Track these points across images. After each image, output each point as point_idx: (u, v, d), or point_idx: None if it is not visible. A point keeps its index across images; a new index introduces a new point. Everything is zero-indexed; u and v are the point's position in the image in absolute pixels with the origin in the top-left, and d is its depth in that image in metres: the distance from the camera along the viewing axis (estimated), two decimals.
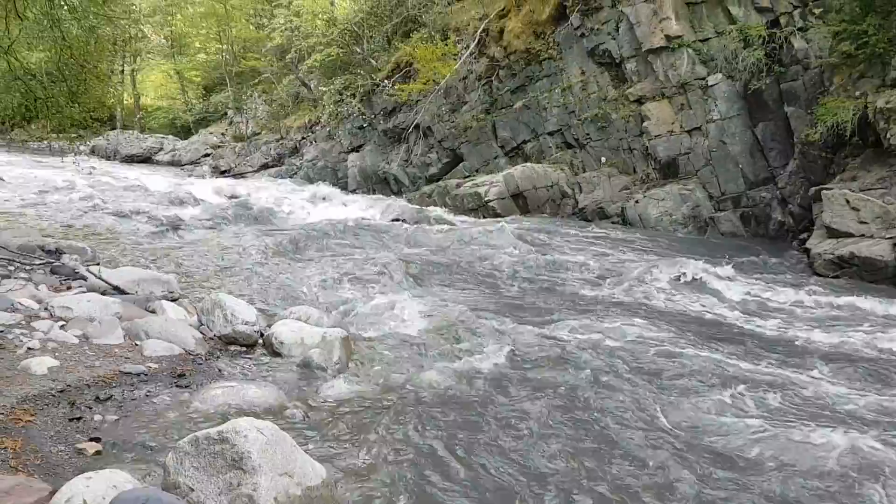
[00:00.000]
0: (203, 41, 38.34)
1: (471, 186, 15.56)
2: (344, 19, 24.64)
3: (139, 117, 39.02)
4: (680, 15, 13.50)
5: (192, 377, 4.78)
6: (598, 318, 7.04)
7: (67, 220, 12.03)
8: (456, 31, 18.86)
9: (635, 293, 8.33)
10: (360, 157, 21.23)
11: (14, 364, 4.33)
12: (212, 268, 9.03)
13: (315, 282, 8.32)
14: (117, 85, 38.37)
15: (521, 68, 16.65)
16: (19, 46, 10.59)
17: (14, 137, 22.68)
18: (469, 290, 8.39)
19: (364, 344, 6.00)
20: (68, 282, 6.72)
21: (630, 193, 13.92)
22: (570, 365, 5.51)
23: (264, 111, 30.03)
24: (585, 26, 15.10)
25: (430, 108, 18.36)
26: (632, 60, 14.32)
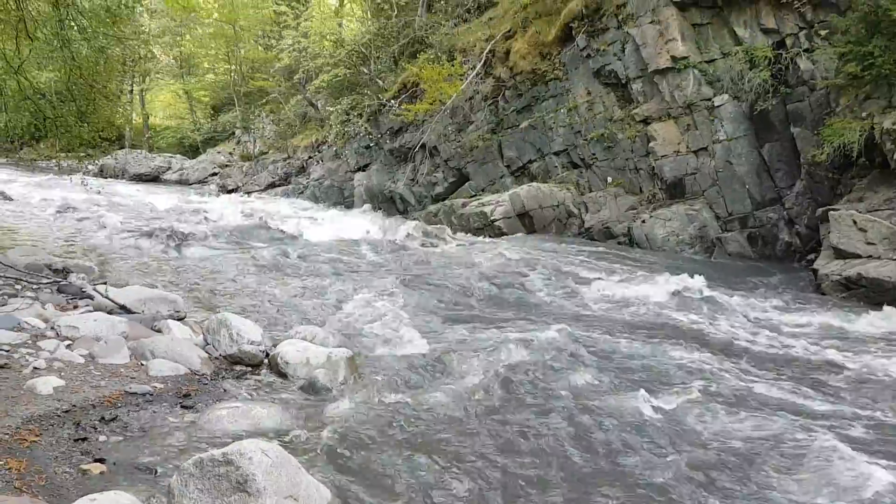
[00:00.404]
0: (212, 61, 38.71)
1: (477, 206, 15.57)
2: (351, 40, 24.86)
3: (148, 136, 39.33)
4: (686, 36, 13.56)
5: (197, 397, 4.77)
6: (605, 336, 7.01)
7: (75, 239, 12.08)
8: (462, 52, 18.98)
9: (641, 312, 8.31)
10: (367, 176, 21.30)
11: (20, 384, 4.33)
12: (218, 286, 9.04)
13: (320, 301, 8.33)
14: (126, 105, 38.75)
15: (527, 88, 16.73)
16: (29, 66, 10.72)
17: (23, 156, 22.90)
18: (474, 309, 8.37)
19: (369, 364, 5.98)
20: (75, 301, 6.74)
21: (636, 213, 13.91)
22: (577, 385, 5.48)
23: (272, 130, 30.24)
24: (591, 47, 15.18)
25: (437, 128, 18.43)
26: (638, 81, 14.37)
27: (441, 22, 21.71)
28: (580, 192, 15.29)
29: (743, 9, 13.09)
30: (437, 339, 6.79)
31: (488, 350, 6.27)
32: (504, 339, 6.58)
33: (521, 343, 6.57)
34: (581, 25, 15.41)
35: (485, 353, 6.18)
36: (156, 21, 35.61)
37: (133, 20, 18.96)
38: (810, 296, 9.50)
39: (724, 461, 4.26)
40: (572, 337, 6.86)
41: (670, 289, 9.23)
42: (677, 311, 8.28)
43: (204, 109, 39.79)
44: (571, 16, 15.60)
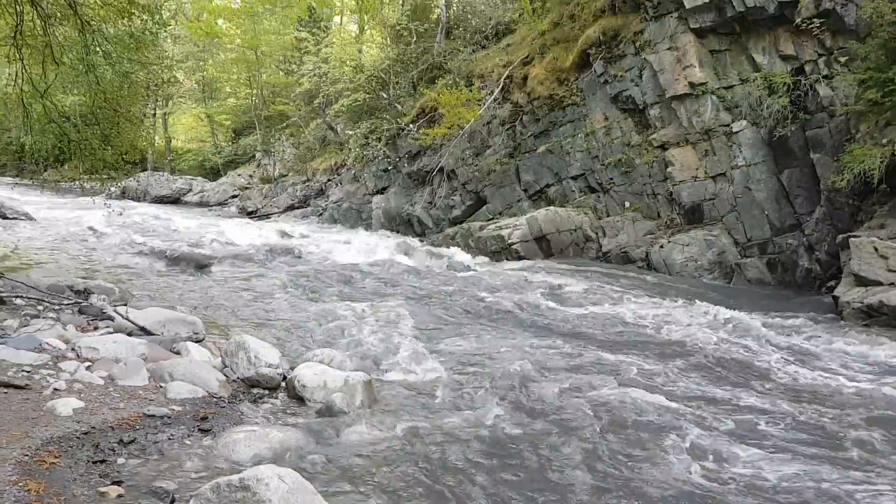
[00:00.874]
0: (234, 86, 39.25)
1: (494, 229, 15.60)
2: (371, 66, 25.14)
3: (170, 159, 39.84)
4: (703, 62, 13.59)
5: (214, 420, 4.79)
6: (630, 361, 6.95)
7: (97, 260, 12.23)
8: (480, 78, 19.14)
9: (665, 337, 8.25)
10: (385, 198, 21.43)
11: (40, 405, 4.37)
12: (236, 308, 9.10)
13: (337, 323, 8.34)
14: (149, 128, 39.30)
15: (544, 113, 16.81)
16: (55, 90, 10.92)
17: (47, 178, 23.19)
18: (492, 334, 8.34)
19: (386, 388, 5.98)
20: (95, 322, 6.81)
21: (654, 238, 13.86)
22: (600, 412, 5.43)
23: (291, 154, 30.54)
24: (609, 73, 15.25)
25: (454, 152, 18.54)
26: (655, 107, 14.40)
27: (459, 48, 21.92)
28: (598, 217, 15.27)
29: (761, 35, 13.12)
30: (454, 363, 6.78)
31: (506, 375, 6.24)
32: (523, 363, 6.55)
33: (541, 368, 6.55)
34: (598, 52, 15.51)
35: (503, 378, 6.15)
36: (179, 46, 36.24)
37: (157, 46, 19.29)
38: (831, 323, 9.38)
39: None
40: (595, 362, 6.82)
41: (693, 314, 9.18)
42: (702, 337, 8.19)
43: (225, 133, 40.29)
44: (589, 42, 15.71)
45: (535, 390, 5.88)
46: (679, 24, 13.85)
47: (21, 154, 13.62)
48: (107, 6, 10.12)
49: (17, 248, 12.67)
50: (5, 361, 5.02)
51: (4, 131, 11.42)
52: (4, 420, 4.05)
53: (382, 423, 5.13)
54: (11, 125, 11.36)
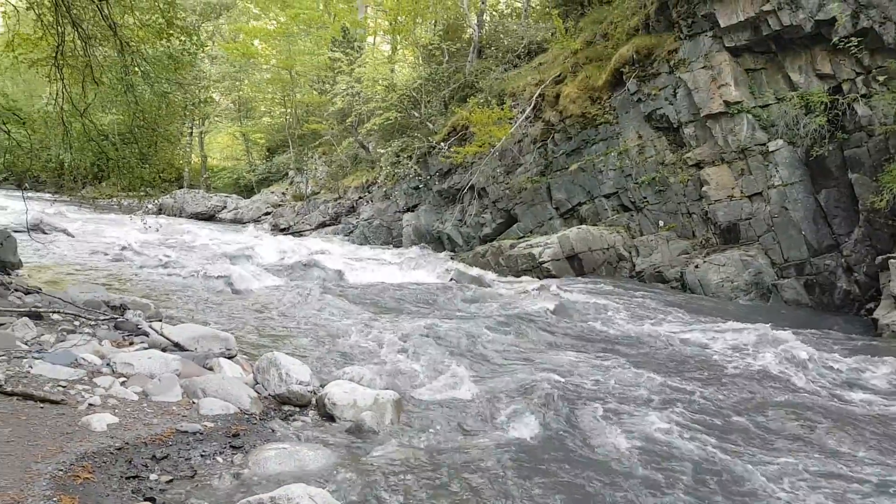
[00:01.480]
0: (268, 105, 39.85)
1: (525, 247, 15.53)
2: (403, 85, 25.35)
3: (205, 177, 40.49)
4: (739, 81, 13.46)
5: (246, 437, 4.79)
6: (668, 381, 6.82)
7: (132, 276, 12.41)
8: (512, 96, 19.18)
9: (705, 359, 8.08)
10: (415, 216, 21.50)
11: (75, 420, 4.42)
12: (268, 325, 9.16)
13: (367, 341, 8.34)
14: (186, 146, 40.07)
15: (576, 132, 16.76)
16: (94, 109, 11.15)
17: (85, 195, 23.73)
18: (525, 353, 8.26)
19: (416, 406, 5.94)
20: (131, 337, 6.88)
21: (689, 258, 13.67)
22: (636, 437, 5.33)
23: (323, 171, 30.85)
24: (642, 91, 15.17)
25: (485, 170, 18.56)
26: (690, 125, 14.27)
27: (491, 67, 22.01)
28: (631, 236, 15.12)
29: (798, 54, 12.96)
30: (484, 383, 6.72)
31: (538, 394, 6.16)
32: (556, 382, 6.47)
33: (574, 388, 6.45)
34: (632, 70, 15.44)
35: (535, 398, 6.08)
36: (216, 67, 36.94)
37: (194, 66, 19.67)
38: (871, 344, 9.14)
39: None
40: (632, 382, 6.70)
41: (731, 335, 8.98)
42: (743, 358, 8.03)
43: (259, 151, 40.86)
44: (622, 61, 15.66)
45: (568, 411, 5.79)
46: (714, 43, 13.76)
47: (60, 171, 13.95)
48: (146, 27, 10.35)
49: (63, 262, 12.93)
50: (42, 376, 5.09)
51: (45, 149, 11.69)
52: (40, 435, 4.09)
53: (412, 442, 5.09)
54: (51, 143, 11.63)
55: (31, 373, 5.13)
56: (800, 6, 12.49)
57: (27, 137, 10.92)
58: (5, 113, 10.10)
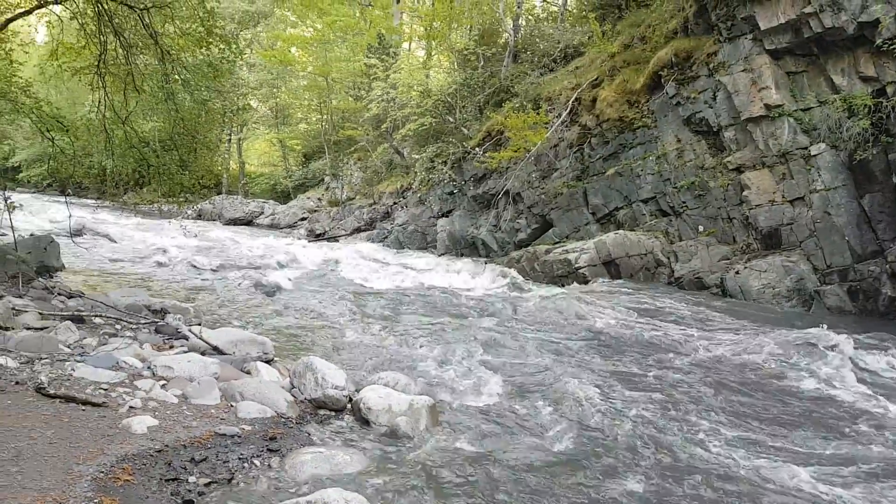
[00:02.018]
0: (305, 112, 40.29)
1: (560, 253, 15.39)
2: (438, 90, 25.39)
3: (243, 183, 41.05)
4: (780, 84, 13.20)
5: (282, 441, 4.81)
6: (700, 391, 6.70)
7: (172, 280, 12.61)
8: (548, 101, 19.06)
9: (747, 367, 7.91)
10: (450, 221, 21.48)
11: (116, 422, 4.48)
12: (304, 329, 9.21)
13: (402, 346, 8.34)
14: (224, 153, 40.70)
15: (613, 136, 16.59)
16: (135, 117, 11.37)
17: (126, 201, 24.18)
18: (559, 359, 8.18)
19: (451, 412, 5.91)
20: (171, 341, 6.98)
21: (730, 264, 13.41)
22: (670, 444, 5.23)
23: (359, 177, 31.05)
24: (681, 95, 14.96)
25: (521, 175, 18.47)
26: (730, 129, 14.03)
27: (527, 72, 21.92)
28: (669, 241, 14.89)
29: (840, 56, 12.66)
30: (520, 389, 6.67)
31: (576, 403, 6.08)
32: (591, 390, 6.38)
33: (611, 397, 6.36)
34: (670, 73, 15.24)
35: (570, 405, 6.01)
36: (254, 74, 37.45)
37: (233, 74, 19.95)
38: None
39: None
40: (677, 393, 6.57)
41: (775, 342, 8.77)
42: (790, 368, 7.83)
43: (296, 157, 41.31)
44: (661, 64, 15.47)
45: (603, 419, 5.71)
46: (754, 46, 13.52)
47: (103, 177, 14.26)
48: (186, 36, 10.52)
49: (105, 267, 13.19)
50: (84, 379, 5.17)
51: (87, 156, 11.94)
52: (82, 437, 4.15)
53: (447, 447, 5.07)
54: (94, 150, 11.88)
55: (73, 375, 5.22)
56: (842, 8, 12.21)
57: (70, 144, 11.17)
58: (49, 121, 10.34)
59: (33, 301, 7.80)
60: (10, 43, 10.78)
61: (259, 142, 45.12)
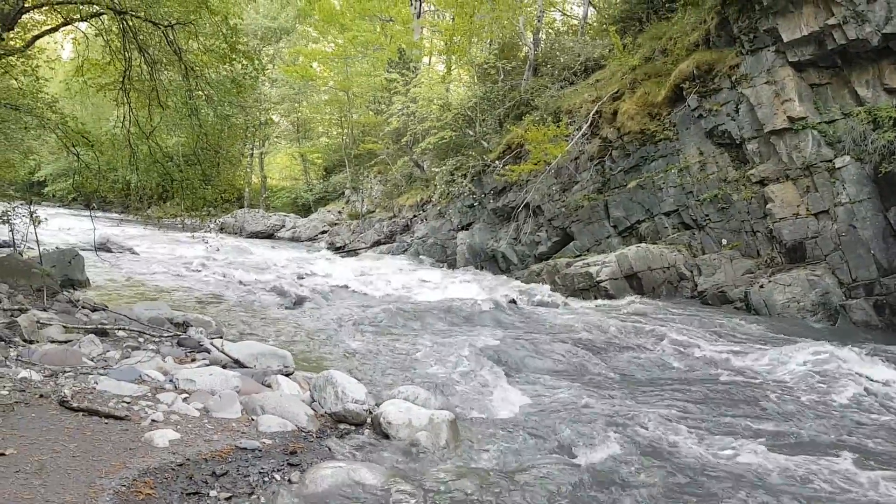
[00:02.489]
0: (326, 126, 40.64)
1: (581, 266, 15.31)
2: (458, 104, 25.47)
3: (264, 196, 41.40)
4: (803, 96, 13.09)
5: (303, 455, 4.79)
6: (728, 409, 6.59)
7: (195, 293, 12.69)
8: (568, 114, 19.04)
9: (768, 384, 7.79)
10: (470, 234, 21.48)
11: (138, 436, 4.49)
12: (324, 342, 9.22)
13: (422, 360, 8.31)
14: (246, 167, 41.09)
15: (635, 148, 16.53)
16: (159, 132, 11.52)
17: (150, 214, 24.48)
18: (582, 375, 8.11)
19: (471, 428, 5.87)
20: (193, 354, 7.01)
21: (754, 277, 13.26)
22: (695, 468, 5.14)
23: (379, 190, 31.19)
24: (703, 107, 14.88)
25: (541, 188, 18.44)
26: (753, 142, 13.92)
27: (547, 85, 21.93)
28: (692, 254, 14.76)
29: (865, 68, 12.55)
30: (541, 405, 6.61)
31: (599, 420, 6.01)
32: (617, 409, 6.30)
33: (639, 415, 6.26)
34: (692, 86, 15.18)
35: (594, 422, 5.93)
36: (276, 89, 37.85)
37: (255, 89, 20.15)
38: None
39: None
40: (703, 411, 6.45)
41: (799, 360, 8.61)
42: (826, 388, 7.67)
43: (317, 171, 41.62)
44: (682, 77, 15.41)
45: (627, 437, 5.63)
46: (777, 58, 13.43)
47: (127, 192, 14.44)
48: (210, 52, 10.66)
49: (129, 280, 13.32)
50: (107, 392, 5.21)
51: (112, 170, 12.12)
52: (104, 450, 4.17)
53: (468, 463, 5.02)
54: (118, 164, 12.05)
55: (96, 389, 5.25)
56: (866, 20, 12.11)
57: (95, 159, 11.34)
58: (75, 136, 10.51)
59: (58, 314, 7.89)
60: (37, 59, 10.98)
61: (280, 156, 45.54)
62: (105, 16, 10.13)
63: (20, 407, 4.61)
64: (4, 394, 4.80)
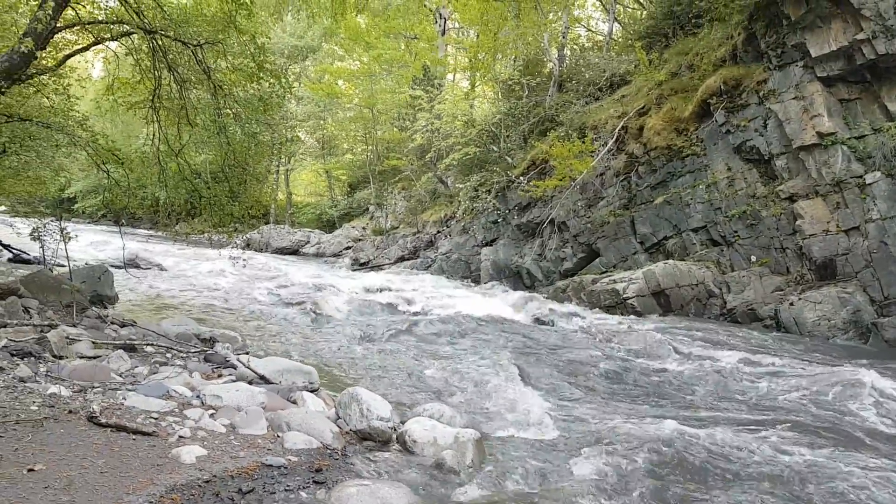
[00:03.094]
0: (351, 142, 40.92)
1: (608, 282, 15.18)
2: (482, 120, 25.53)
3: (290, 213, 41.73)
4: (832, 112, 12.92)
5: (328, 473, 4.77)
6: (761, 430, 6.45)
7: (221, 309, 12.78)
8: (593, 129, 19.00)
9: (804, 405, 7.63)
10: (494, 250, 21.43)
11: (166, 452, 4.50)
12: (349, 358, 9.22)
13: (447, 377, 8.27)
14: (272, 184, 41.49)
15: (661, 164, 16.41)
16: (188, 149, 11.67)
17: (178, 230, 24.78)
18: (610, 394, 8.01)
19: (496, 446, 5.81)
20: (219, 370, 7.04)
21: (784, 295, 13.05)
22: (729, 487, 5.04)
23: (403, 206, 31.30)
24: (731, 123, 14.75)
25: (566, 204, 18.37)
26: (781, 157, 13.75)
27: (572, 101, 21.92)
28: (721, 271, 14.56)
29: (895, 83, 12.36)
30: (569, 424, 6.53)
31: (628, 439, 5.91)
32: (646, 429, 6.19)
33: (672, 439, 6.12)
34: (720, 101, 15.07)
35: (624, 443, 5.84)
36: (302, 107, 38.24)
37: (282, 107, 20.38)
38: None
39: None
40: (739, 440, 6.29)
41: (837, 380, 8.43)
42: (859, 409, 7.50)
43: (341, 187, 41.89)
44: (709, 92, 15.31)
45: (658, 460, 5.53)
46: (805, 73, 13.29)
47: (156, 208, 14.64)
48: (238, 71, 10.80)
49: (156, 296, 13.46)
50: (135, 408, 5.23)
51: (141, 187, 12.28)
52: (132, 466, 4.18)
53: (493, 483, 4.97)
54: (148, 182, 12.21)
55: (124, 404, 5.28)
56: (895, 34, 11.94)
57: (125, 176, 11.50)
58: (105, 153, 10.67)
59: (87, 330, 7.97)
60: (68, 78, 11.19)
61: (306, 172, 45.94)
62: (135, 35, 10.31)
63: (49, 422, 4.65)
64: (34, 409, 4.85)
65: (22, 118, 9.74)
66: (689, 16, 18.58)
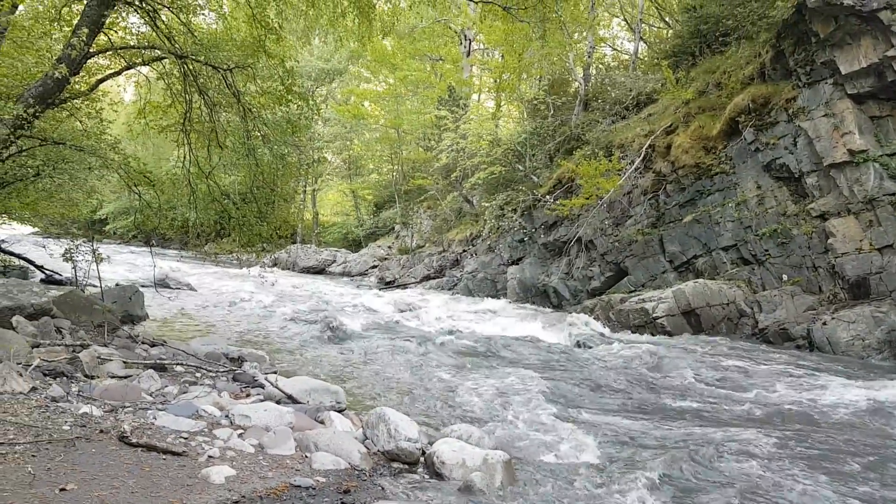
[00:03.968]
0: (377, 163, 41.24)
1: (637, 302, 15.02)
2: (507, 139, 25.56)
3: (317, 232, 42.05)
4: (863, 129, 12.74)
5: (356, 494, 4.74)
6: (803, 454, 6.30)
7: (250, 328, 12.87)
8: (620, 148, 18.92)
9: (852, 434, 7.45)
10: (520, 269, 21.36)
11: (195, 472, 4.51)
12: (376, 378, 9.21)
13: (475, 397, 8.21)
14: (299, 204, 41.87)
15: (690, 182, 16.27)
16: (217, 171, 11.84)
17: (207, 250, 25.06)
18: (642, 416, 7.89)
19: (526, 468, 5.74)
20: (248, 389, 7.07)
21: (816, 314, 12.81)
22: None
23: (428, 225, 31.38)
24: (760, 141, 14.60)
25: (593, 222, 18.27)
26: (812, 175, 13.57)
27: (598, 119, 21.88)
28: (752, 291, 14.34)
29: None
30: (600, 447, 6.43)
31: (660, 463, 5.81)
32: (680, 452, 6.08)
33: (704, 461, 6.02)
34: (748, 119, 14.93)
35: (656, 466, 5.74)
36: (329, 128, 38.65)
37: (309, 129, 20.59)
38: None
39: None
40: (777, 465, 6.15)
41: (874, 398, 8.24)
42: None
43: (367, 206, 42.16)
44: (738, 110, 15.19)
45: (694, 485, 5.42)
46: (835, 91, 13.14)
47: (185, 229, 14.85)
48: (266, 94, 10.96)
49: (186, 315, 13.60)
50: (165, 428, 5.26)
51: (171, 209, 12.47)
52: (162, 486, 4.20)
53: None
54: (178, 203, 12.39)
55: (154, 424, 5.32)
56: None
57: (156, 198, 11.69)
58: (136, 175, 10.86)
59: (118, 349, 8.06)
60: (101, 102, 11.43)
61: (332, 192, 46.31)
62: (166, 60, 10.52)
63: (81, 442, 4.69)
64: (66, 429, 4.89)
65: (56, 142, 9.96)
66: (716, 34, 18.49)
